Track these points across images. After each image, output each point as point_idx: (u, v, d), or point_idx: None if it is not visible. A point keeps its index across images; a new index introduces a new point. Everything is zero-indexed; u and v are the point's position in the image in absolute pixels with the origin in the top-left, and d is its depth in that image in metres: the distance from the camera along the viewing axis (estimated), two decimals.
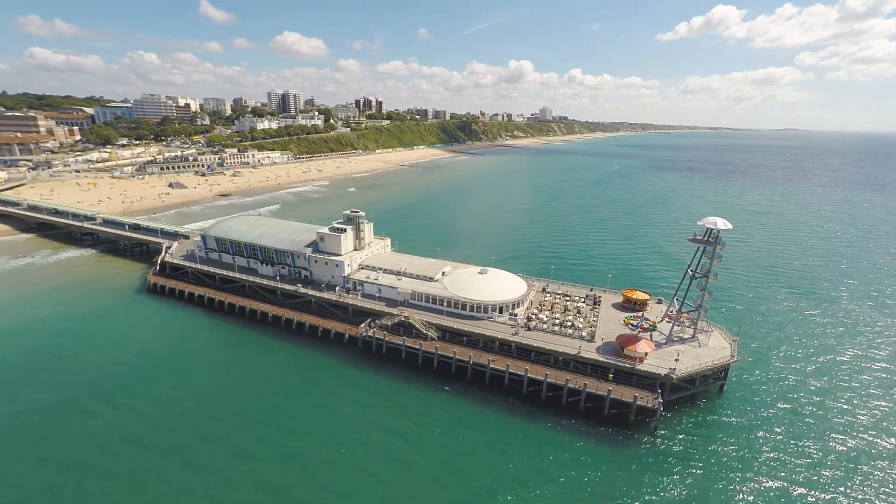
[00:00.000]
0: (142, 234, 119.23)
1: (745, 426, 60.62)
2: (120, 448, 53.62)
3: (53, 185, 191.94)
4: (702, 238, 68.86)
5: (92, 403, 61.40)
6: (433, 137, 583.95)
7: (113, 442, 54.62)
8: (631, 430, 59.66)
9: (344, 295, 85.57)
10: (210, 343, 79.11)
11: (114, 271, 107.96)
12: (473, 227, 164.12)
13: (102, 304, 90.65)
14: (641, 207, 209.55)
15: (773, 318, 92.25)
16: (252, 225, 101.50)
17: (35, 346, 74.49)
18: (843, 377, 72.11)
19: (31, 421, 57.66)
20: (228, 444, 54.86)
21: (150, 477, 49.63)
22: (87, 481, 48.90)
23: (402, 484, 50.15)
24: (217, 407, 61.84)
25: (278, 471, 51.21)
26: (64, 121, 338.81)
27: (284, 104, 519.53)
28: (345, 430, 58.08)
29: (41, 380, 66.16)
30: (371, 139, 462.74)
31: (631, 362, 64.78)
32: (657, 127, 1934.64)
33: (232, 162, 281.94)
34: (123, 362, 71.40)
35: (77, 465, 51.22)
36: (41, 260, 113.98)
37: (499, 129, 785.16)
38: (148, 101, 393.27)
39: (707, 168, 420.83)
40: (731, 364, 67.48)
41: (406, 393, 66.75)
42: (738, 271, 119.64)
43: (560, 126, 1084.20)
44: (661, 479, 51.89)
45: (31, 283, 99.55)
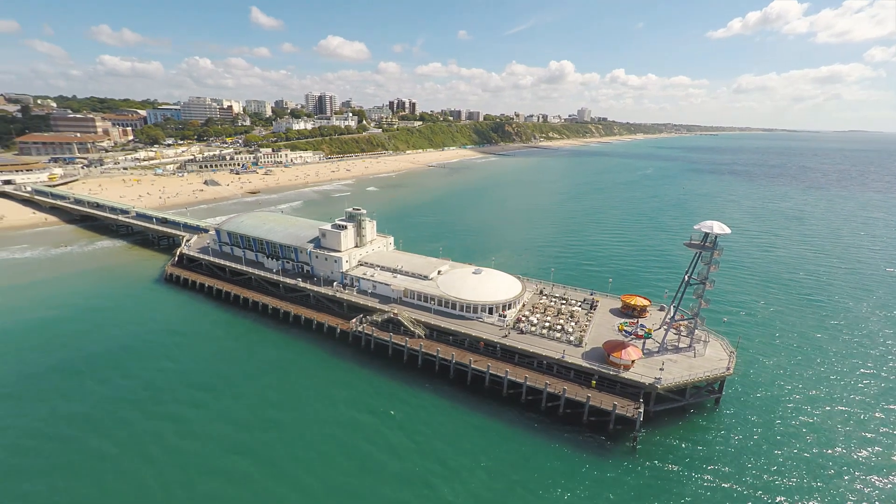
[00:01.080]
0: (167, 227, 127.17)
1: (735, 448, 56.44)
2: (118, 407, 61.52)
3: (102, 181, 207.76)
4: (699, 243, 65.48)
5: (100, 369, 69.80)
6: (465, 139, 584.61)
7: (114, 401, 62.68)
8: (609, 440, 57.63)
9: (341, 290, 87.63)
10: (211, 330, 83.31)
11: (139, 261, 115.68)
12: (483, 228, 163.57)
13: (122, 290, 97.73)
14: (665, 211, 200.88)
15: (782, 332, 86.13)
16: (262, 220, 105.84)
17: (60, 319, 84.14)
18: (853, 402, 66.02)
19: (50, 379, 66.72)
20: (215, 413, 60.70)
21: (144, 434, 56.60)
22: (90, 434, 56.05)
23: (365, 464, 52.65)
24: (206, 381, 67.25)
25: (257, 436, 56.56)
26: (119, 122, 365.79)
27: (321, 106, 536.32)
28: (321, 412, 61.42)
29: (62, 346, 75.23)
30: (402, 140, 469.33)
31: (615, 369, 62.57)
32: (704, 128, 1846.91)
33: (266, 161, 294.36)
34: (131, 339, 78.16)
35: (83, 418, 58.82)
36: (79, 249, 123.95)
37: (533, 130, 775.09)
38: (194, 103, 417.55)
39: (751, 171, 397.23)
40: (726, 377, 63.80)
41: (388, 386, 67.53)
42: (750, 279, 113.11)
43: (598, 127, 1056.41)
44: (631, 494, 49.81)
45: (66, 269, 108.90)
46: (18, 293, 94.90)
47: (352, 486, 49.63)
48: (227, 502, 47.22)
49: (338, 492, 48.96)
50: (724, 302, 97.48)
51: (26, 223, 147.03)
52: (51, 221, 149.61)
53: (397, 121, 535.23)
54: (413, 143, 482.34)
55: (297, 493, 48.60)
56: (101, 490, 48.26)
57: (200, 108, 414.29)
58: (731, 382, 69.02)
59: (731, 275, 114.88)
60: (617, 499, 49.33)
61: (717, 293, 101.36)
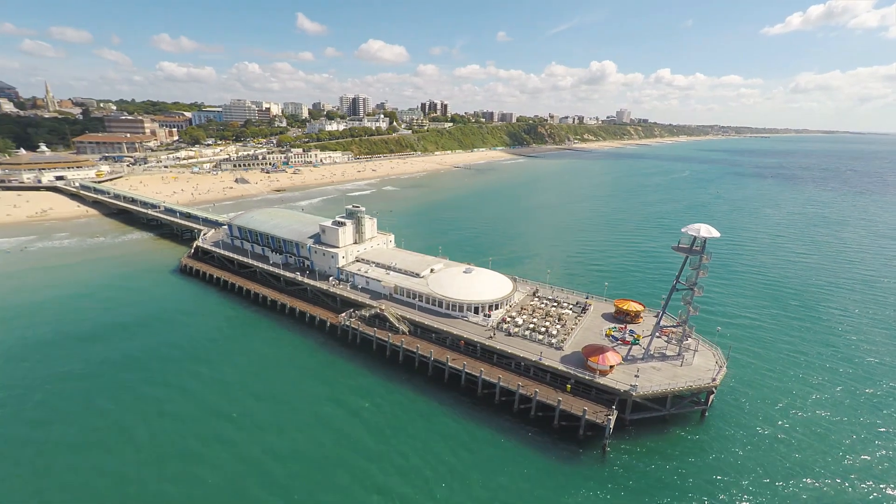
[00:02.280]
0: (189, 221, 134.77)
1: (711, 467, 53.20)
2: (119, 369, 70.28)
3: (143, 178, 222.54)
4: (686, 247, 62.51)
5: (109, 337, 79.61)
6: (495, 140, 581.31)
7: (116, 364, 71.87)
8: (579, 447, 56.06)
9: (335, 285, 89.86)
10: (213, 316, 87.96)
11: (162, 252, 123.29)
12: (490, 227, 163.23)
13: (140, 277, 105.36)
14: (689, 215, 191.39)
15: (785, 347, 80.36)
16: (269, 216, 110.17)
17: (80, 296, 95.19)
18: (850, 430, 60.57)
19: (68, 343, 76.94)
20: (207, 381, 67.63)
21: (142, 394, 64.17)
22: (93, 390, 64.89)
23: (335, 449, 54.93)
24: (197, 360, 72.95)
25: (239, 409, 62.11)
26: (166, 123, 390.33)
27: (355, 107, 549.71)
28: (301, 398, 64.38)
29: (78, 318, 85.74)
30: (431, 141, 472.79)
31: (591, 374, 60.79)
32: (756, 130, 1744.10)
33: (296, 161, 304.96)
34: (137, 317, 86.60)
35: (88, 376, 68.08)
36: (110, 240, 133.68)
37: (567, 131, 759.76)
38: (235, 105, 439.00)
39: (798, 175, 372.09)
40: (713, 389, 60.49)
41: (367, 380, 68.88)
42: (759, 289, 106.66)
43: (637, 129, 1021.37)
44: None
45: (95, 256, 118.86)
46: (51, 274, 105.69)
47: (313, 455, 53.94)
48: (210, 454, 53.55)
49: (300, 455, 54.07)
50: (725, 311, 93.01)
51: (71, 215, 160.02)
52: (91, 214, 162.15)
53: (428, 122, 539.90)
54: (442, 144, 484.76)
55: (268, 452, 54.36)
56: (98, 438, 55.87)
57: (240, 110, 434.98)
58: (722, 395, 65.56)
59: (739, 283, 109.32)
60: (583, 500, 48.15)
61: (719, 302, 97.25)
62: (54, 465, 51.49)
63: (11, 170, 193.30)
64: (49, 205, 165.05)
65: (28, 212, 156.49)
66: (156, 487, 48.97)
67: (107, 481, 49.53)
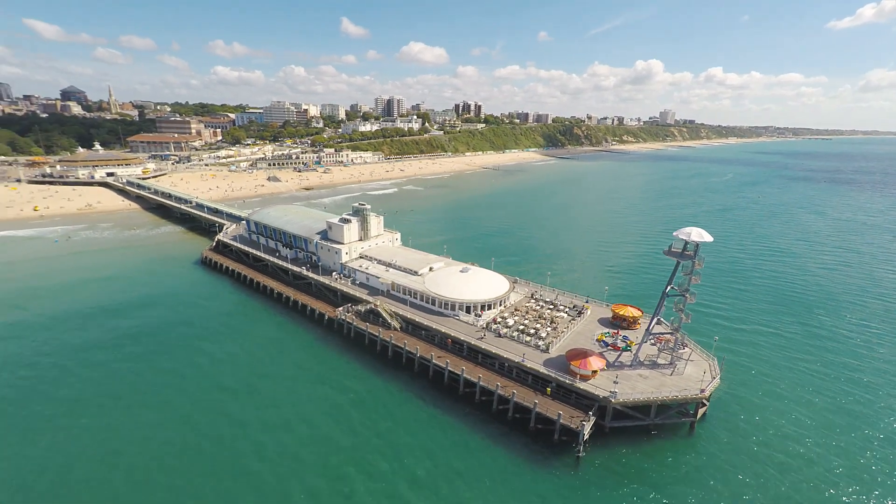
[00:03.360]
0: (215, 216, 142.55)
1: (690, 485, 50.49)
2: (134, 342, 77.91)
3: (184, 176, 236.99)
4: (678, 251, 59.97)
5: (130, 314, 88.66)
6: (529, 141, 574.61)
7: (134, 335, 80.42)
8: (552, 452, 55.06)
9: (337, 280, 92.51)
10: (222, 304, 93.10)
11: (188, 244, 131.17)
12: (505, 228, 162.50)
13: (163, 266, 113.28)
14: (718, 220, 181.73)
15: (796, 363, 75.08)
16: (284, 212, 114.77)
17: (110, 278, 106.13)
18: (851, 459, 55.97)
19: (97, 316, 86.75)
20: (207, 358, 73.76)
21: (150, 364, 71.50)
22: (113, 359, 72.69)
23: (319, 430, 57.96)
24: (200, 345, 77.60)
25: (242, 381, 68.51)
26: (211, 124, 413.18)
27: (389, 109, 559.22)
28: (294, 384, 67.71)
29: (106, 297, 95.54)
30: (462, 142, 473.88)
31: (571, 378, 59.54)
32: (817, 132, 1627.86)
33: (327, 160, 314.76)
34: (153, 299, 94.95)
35: (110, 346, 76.33)
36: (144, 232, 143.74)
37: (605, 133, 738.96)
38: (275, 107, 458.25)
39: (856, 180, 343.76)
40: (701, 400, 57.71)
41: (356, 371, 70.69)
42: (775, 299, 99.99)
43: (681, 131, 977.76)
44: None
45: (128, 245, 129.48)
46: (88, 259, 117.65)
47: (300, 432, 57.39)
48: (208, 417, 59.86)
49: (289, 431, 57.69)
50: (732, 322, 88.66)
51: (115, 208, 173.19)
52: (133, 208, 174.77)
53: (460, 123, 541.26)
54: (474, 145, 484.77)
55: (260, 422, 59.30)
56: (108, 403, 62.35)
57: (280, 111, 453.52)
58: (717, 408, 62.39)
59: (753, 293, 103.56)
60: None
61: (726, 312, 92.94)
62: (72, 419, 58.81)
63: (69, 166, 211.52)
64: (98, 198, 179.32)
65: (79, 204, 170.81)
66: (156, 449, 53.86)
67: (112, 438, 55.61)
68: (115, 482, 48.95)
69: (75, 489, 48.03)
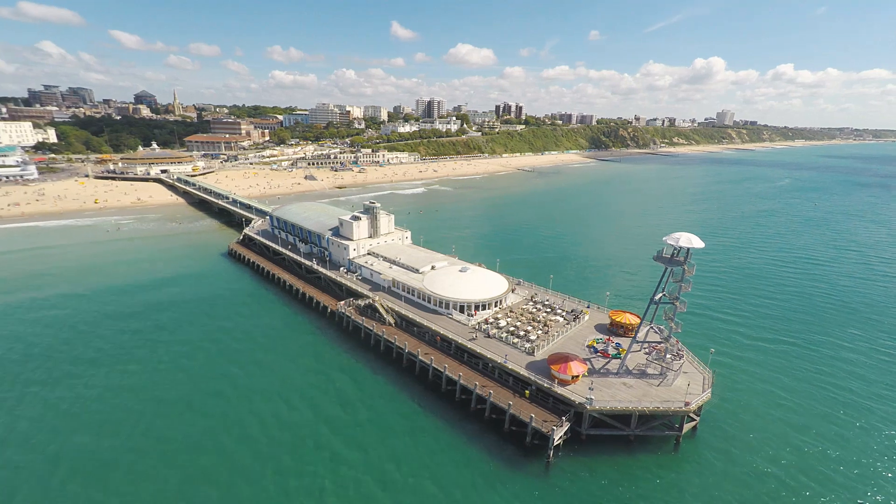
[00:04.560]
0: (247, 211, 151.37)
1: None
2: (157, 314, 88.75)
3: (229, 173, 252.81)
4: (667, 257, 57.41)
5: (156, 291, 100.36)
6: (570, 143, 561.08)
7: (159, 309, 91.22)
8: (524, 455, 54.44)
9: (343, 275, 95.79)
10: (238, 293, 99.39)
11: (220, 237, 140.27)
12: (522, 229, 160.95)
13: (192, 256, 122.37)
14: (752, 227, 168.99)
15: (799, 379, 69.33)
16: (303, 209, 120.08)
17: (144, 260, 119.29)
18: (843, 476, 51.09)
19: (130, 291, 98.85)
20: (216, 340, 80.00)
21: (165, 340, 79.19)
22: (139, 329, 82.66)
23: (306, 414, 61.08)
24: (216, 323, 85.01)
25: (244, 359, 74.96)
26: (261, 125, 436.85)
27: (429, 110, 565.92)
28: (292, 370, 71.55)
29: (139, 278, 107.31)
30: (500, 143, 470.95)
31: (550, 382, 58.56)
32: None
33: (364, 160, 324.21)
34: (177, 284, 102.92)
35: (135, 317, 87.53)
36: (186, 224, 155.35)
37: (654, 135, 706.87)
38: (320, 109, 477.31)
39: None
40: (686, 414, 54.90)
41: (348, 362, 73.44)
42: (796, 313, 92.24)
43: (741, 132, 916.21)
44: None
45: (167, 236, 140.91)
46: (130, 245, 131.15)
47: (288, 418, 59.13)
48: (215, 389, 65.75)
49: (279, 417, 60.52)
50: (742, 335, 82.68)
51: (164, 202, 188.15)
52: (179, 202, 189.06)
53: (499, 124, 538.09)
54: (512, 146, 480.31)
55: (259, 392, 65.65)
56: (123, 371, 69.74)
57: (324, 113, 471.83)
58: (709, 423, 59.08)
59: (772, 306, 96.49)
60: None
61: (740, 323, 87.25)
62: (94, 381, 67.38)
63: (130, 164, 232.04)
64: (150, 193, 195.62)
65: (132, 198, 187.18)
66: (149, 422, 58.78)
67: (123, 393, 64.08)
68: (121, 423, 57.36)
69: (90, 420, 55.44)
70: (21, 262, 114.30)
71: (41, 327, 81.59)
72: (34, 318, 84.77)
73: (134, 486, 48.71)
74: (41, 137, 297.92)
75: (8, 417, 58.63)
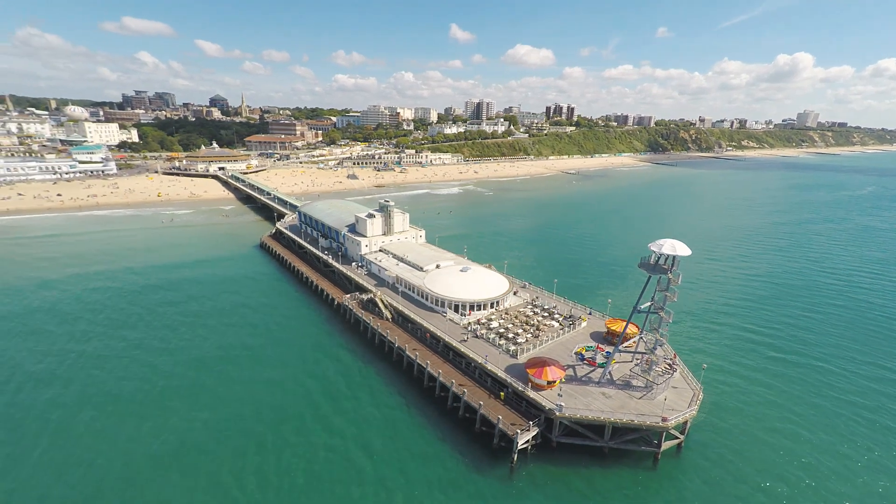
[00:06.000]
0: (284, 207, 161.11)
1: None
2: (189, 291, 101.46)
3: (278, 171, 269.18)
4: (651, 264, 54.66)
5: (190, 271, 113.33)
6: (623, 145, 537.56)
7: (191, 286, 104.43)
8: (491, 457, 54.06)
9: (354, 270, 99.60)
10: (259, 282, 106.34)
11: (258, 230, 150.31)
12: (544, 232, 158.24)
13: (228, 246, 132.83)
14: (807, 239, 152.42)
15: (811, 405, 62.24)
16: (328, 205, 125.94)
17: (186, 245, 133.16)
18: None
19: (171, 270, 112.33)
20: (227, 330, 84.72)
21: (182, 328, 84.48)
22: (172, 302, 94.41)
23: (296, 400, 64.30)
24: (223, 310, 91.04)
25: (251, 340, 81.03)
26: (315, 126, 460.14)
27: (478, 112, 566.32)
28: (293, 357, 75.64)
29: (179, 261, 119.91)
30: (547, 145, 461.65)
31: (524, 385, 57.79)
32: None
33: (407, 161, 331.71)
34: (207, 271, 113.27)
35: (169, 290, 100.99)
36: (230, 218, 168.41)
37: (719, 137, 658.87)
38: (371, 111, 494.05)
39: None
40: (661, 430, 51.95)
41: (346, 353, 76.54)
42: (816, 329, 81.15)
43: (825, 135, 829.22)
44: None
45: (211, 227, 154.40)
46: (179, 233, 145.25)
47: (279, 401, 62.03)
48: (224, 365, 72.09)
49: (276, 403, 63.80)
50: (760, 352, 75.76)
51: (217, 197, 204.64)
52: (229, 197, 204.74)
53: (548, 126, 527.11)
54: (560, 148, 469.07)
55: (271, 369, 71.66)
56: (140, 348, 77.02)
57: (375, 115, 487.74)
58: (698, 443, 55.45)
59: (793, 323, 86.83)
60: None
61: (761, 339, 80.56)
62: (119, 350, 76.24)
63: (192, 161, 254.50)
64: (205, 188, 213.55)
65: (189, 193, 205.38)
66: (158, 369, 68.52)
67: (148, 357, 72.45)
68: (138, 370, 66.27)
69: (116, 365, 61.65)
70: (95, 242, 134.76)
71: (103, 291, 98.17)
72: (100, 286, 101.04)
73: (147, 407, 61.57)
74: (125, 137, 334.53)
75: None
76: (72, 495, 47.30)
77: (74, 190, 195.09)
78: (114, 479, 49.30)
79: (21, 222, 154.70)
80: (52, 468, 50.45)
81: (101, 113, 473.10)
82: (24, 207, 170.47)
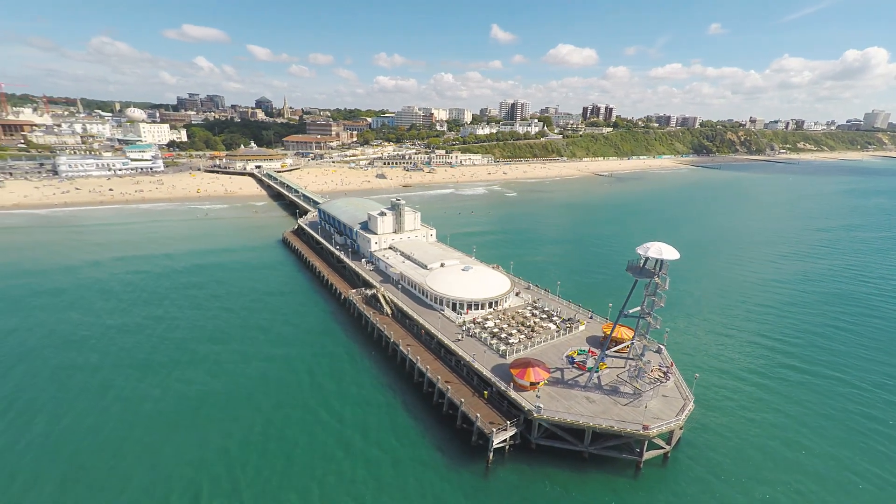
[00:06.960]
0: (308, 204, 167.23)
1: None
2: (213, 277, 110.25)
3: (310, 170, 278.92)
4: (639, 267, 53.09)
5: (215, 258, 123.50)
6: (664, 147, 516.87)
7: (216, 272, 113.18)
8: (469, 455, 54.22)
9: (361, 266, 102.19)
10: (280, 273, 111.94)
11: (282, 226, 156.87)
12: (558, 235, 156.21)
13: (252, 239, 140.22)
14: (845, 246, 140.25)
15: (814, 425, 57.35)
16: (346, 203, 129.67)
17: (215, 236, 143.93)
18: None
19: (199, 257, 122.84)
20: (239, 311, 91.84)
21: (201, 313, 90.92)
22: (194, 290, 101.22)
23: (293, 389, 66.81)
24: (235, 302, 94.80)
25: (259, 326, 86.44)
26: (350, 127, 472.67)
27: (512, 112, 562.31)
28: (296, 346, 78.60)
29: (207, 252, 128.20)
30: (581, 147, 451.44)
31: (506, 385, 57.60)
32: None
33: (437, 161, 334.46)
34: (229, 260, 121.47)
35: (193, 274, 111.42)
36: (259, 214, 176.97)
37: (770, 139, 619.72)
38: (405, 112, 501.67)
39: None
40: (643, 438, 50.35)
41: (346, 344, 79.12)
42: (830, 344, 73.99)
43: (895, 136, 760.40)
44: None
45: (240, 220, 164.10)
46: (211, 225, 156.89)
47: (275, 390, 64.86)
48: (230, 349, 76.90)
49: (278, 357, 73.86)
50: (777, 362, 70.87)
51: (251, 194, 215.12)
52: (261, 194, 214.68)
53: (584, 127, 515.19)
54: (595, 150, 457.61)
55: (279, 345, 78.53)
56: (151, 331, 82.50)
57: (409, 116, 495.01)
58: (687, 451, 53.36)
59: (808, 334, 79.82)
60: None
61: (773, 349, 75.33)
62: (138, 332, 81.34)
63: (231, 160, 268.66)
64: (241, 185, 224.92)
65: (225, 189, 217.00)
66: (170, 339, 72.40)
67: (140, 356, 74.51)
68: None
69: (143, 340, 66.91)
70: (139, 232, 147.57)
71: (142, 273, 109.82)
72: (140, 269, 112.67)
73: (169, 378, 68.63)
74: (175, 137, 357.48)
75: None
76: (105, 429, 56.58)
77: (125, 185, 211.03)
78: (141, 427, 57.15)
79: (77, 213, 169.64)
80: (93, 415, 59.30)
81: (158, 114, 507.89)
82: (80, 200, 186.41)
